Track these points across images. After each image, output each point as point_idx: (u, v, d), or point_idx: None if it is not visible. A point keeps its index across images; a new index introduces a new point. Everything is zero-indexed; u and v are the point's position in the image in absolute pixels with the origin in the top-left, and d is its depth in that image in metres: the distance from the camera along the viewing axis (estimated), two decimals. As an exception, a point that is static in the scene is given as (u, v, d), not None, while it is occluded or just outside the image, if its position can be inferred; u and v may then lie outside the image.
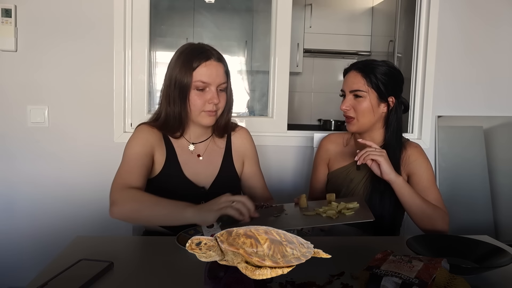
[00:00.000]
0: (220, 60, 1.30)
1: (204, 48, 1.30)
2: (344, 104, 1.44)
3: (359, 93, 1.40)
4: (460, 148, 2.29)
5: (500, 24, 2.27)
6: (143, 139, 1.31)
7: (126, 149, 1.31)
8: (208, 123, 1.32)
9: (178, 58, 1.29)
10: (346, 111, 1.44)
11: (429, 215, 1.31)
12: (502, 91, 2.31)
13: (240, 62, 3.38)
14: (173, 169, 1.33)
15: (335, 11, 3.73)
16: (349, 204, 1.18)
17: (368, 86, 1.40)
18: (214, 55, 1.29)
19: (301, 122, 3.66)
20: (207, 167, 1.38)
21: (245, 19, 3.37)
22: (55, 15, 1.98)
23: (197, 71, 1.26)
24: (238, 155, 1.45)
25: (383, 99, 1.41)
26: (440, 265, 0.84)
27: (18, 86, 2.00)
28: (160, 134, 1.35)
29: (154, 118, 1.38)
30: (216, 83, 1.28)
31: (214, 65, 1.27)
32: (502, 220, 2.28)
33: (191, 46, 1.31)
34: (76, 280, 0.89)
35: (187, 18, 3.25)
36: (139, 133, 1.33)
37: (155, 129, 1.34)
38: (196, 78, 1.26)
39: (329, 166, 1.60)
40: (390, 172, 1.29)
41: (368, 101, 1.40)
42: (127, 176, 1.23)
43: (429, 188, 1.39)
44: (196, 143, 1.39)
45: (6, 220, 2.05)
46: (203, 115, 1.30)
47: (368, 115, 1.41)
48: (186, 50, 1.30)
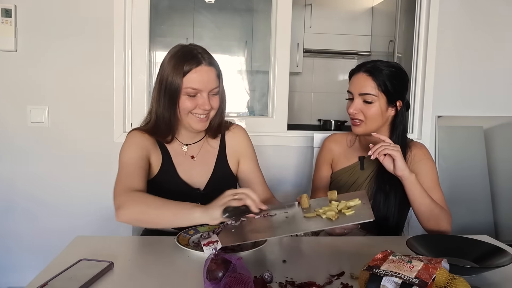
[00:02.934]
0: (211, 64, 1.26)
1: (194, 52, 1.26)
2: (352, 107, 1.40)
3: (369, 97, 1.37)
4: (460, 148, 2.29)
5: (499, 24, 2.27)
6: (137, 143, 1.30)
7: (121, 156, 1.29)
8: (200, 129, 1.30)
9: (168, 62, 1.26)
10: (355, 114, 1.41)
11: (436, 215, 1.30)
12: (502, 91, 2.31)
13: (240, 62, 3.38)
14: (168, 172, 1.32)
15: (335, 11, 3.73)
16: (350, 202, 1.15)
17: (378, 90, 1.37)
18: (205, 59, 1.25)
19: (301, 122, 3.66)
20: (201, 167, 1.37)
21: (245, 19, 3.37)
22: (55, 15, 1.98)
23: (188, 77, 1.23)
24: (233, 154, 1.43)
25: (391, 103, 1.40)
26: (440, 265, 0.84)
27: (18, 86, 2.00)
28: (153, 138, 1.34)
29: (145, 122, 1.36)
30: (208, 89, 1.25)
31: (205, 70, 1.24)
32: (502, 220, 2.28)
33: (182, 49, 1.27)
34: (76, 280, 0.89)
35: (187, 18, 3.25)
36: (132, 138, 1.32)
37: (146, 134, 1.32)
38: (187, 85, 1.23)
39: (333, 166, 1.59)
40: (404, 168, 1.28)
41: (377, 106, 1.38)
42: (128, 180, 1.21)
43: (433, 189, 1.39)
44: (190, 144, 1.38)
45: (6, 220, 2.05)
46: (193, 120, 1.28)
47: (377, 119, 1.40)
48: (177, 54, 1.26)
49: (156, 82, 1.30)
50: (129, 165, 1.25)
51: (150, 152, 1.31)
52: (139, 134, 1.33)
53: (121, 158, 1.29)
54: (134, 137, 1.32)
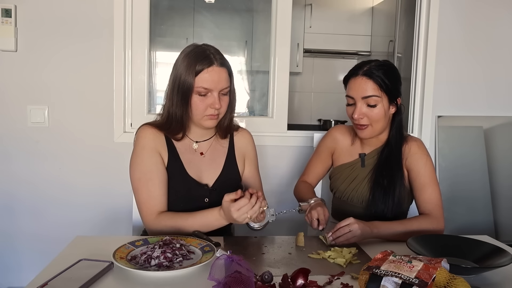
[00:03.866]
0: (223, 65, 1.30)
1: (207, 52, 1.29)
2: (357, 113, 1.38)
3: (373, 99, 1.36)
4: (460, 148, 2.29)
5: (499, 23, 2.27)
6: (149, 145, 1.32)
7: (136, 164, 1.31)
8: (210, 126, 1.34)
9: (182, 61, 1.29)
10: (360, 119, 1.39)
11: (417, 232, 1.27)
12: (502, 91, 2.31)
13: (240, 62, 3.37)
14: (176, 168, 1.34)
15: (335, 11, 3.73)
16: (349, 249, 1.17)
17: (380, 90, 1.36)
18: (217, 60, 1.28)
19: (301, 122, 3.66)
20: (210, 165, 1.39)
21: (245, 19, 3.37)
22: (55, 15, 1.98)
23: (200, 77, 1.26)
24: (240, 155, 1.47)
25: (393, 101, 1.40)
26: (440, 265, 0.84)
27: (18, 86, 2.00)
28: (162, 133, 1.36)
29: (159, 117, 1.38)
30: (218, 89, 1.28)
31: (216, 71, 1.27)
32: (502, 220, 2.28)
33: (195, 49, 1.30)
34: (76, 280, 0.89)
35: (187, 18, 3.24)
36: (143, 139, 1.33)
37: (157, 129, 1.35)
38: (198, 84, 1.26)
39: (334, 158, 1.59)
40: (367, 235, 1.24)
41: (381, 107, 1.37)
42: (153, 203, 1.28)
43: (426, 185, 1.37)
44: (200, 142, 1.40)
45: (6, 220, 2.05)
46: (205, 119, 1.31)
47: (382, 120, 1.39)
48: (190, 53, 1.29)
49: (170, 79, 1.33)
50: (148, 180, 1.29)
51: (160, 149, 1.34)
52: (149, 130, 1.35)
53: (137, 168, 1.31)
54: (145, 137, 1.34)
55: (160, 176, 1.31)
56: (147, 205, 1.28)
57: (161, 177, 1.31)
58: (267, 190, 1.55)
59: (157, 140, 1.34)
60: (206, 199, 1.35)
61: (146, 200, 1.28)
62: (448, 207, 1.39)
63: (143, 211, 1.29)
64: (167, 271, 0.96)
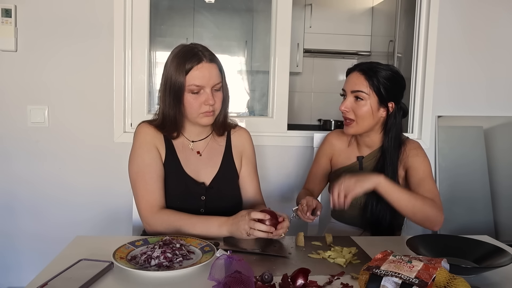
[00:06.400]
0: (213, 61, 1.30)
1: (195, 50, 1.29)
2: (344, 105, 1.42)
3: (361, 94, 1.39)
4: (460, 148, 2.29)
5: (499, 24, 2.27)
6: (147, 141, 1.34)
7: (135, 159, 1.32)
8: (207, 123, 1.34)
9: (171, 62, 1.30)
10: (345, 112, 1.42)
11: (420, 207, 1.26)
12: (502, 91, 2.31)
13: (240, 62, 3.38)
14: (173, 165, 1.35)
15: (335, 11, 3.73)
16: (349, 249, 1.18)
17: (370, 88, 1.38)
18: (206, 56, 1.28)
19: (301, 122, 3.66)
20: (207, 164, 1.39)
21: (245, 19, 3.37)
22: (55, 15, 1.98)
23: (190, 74, 1.26)
24: (238, 153, 1.46)
25: (383, 103, 1.40)
26: (440, 265, 0.84)
27: (18, 86, 2.00)
28: (160, 132, 1.37)
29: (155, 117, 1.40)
30: (210, 85, 1.28)
31: (206, 67, 1.27)
32: (502, 220, 2.28)
33: (183, 48, 1.31)
34: (76, 280, 0.89)
35: (187, 18, 3.24)
36: (142, 135, 1.35)
37: (154, 128, 1.36)
38: (190, 82, 1.27)
39: (332, 162, 1.60)
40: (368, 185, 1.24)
41: (368, 105, 1.39)
42: (151, 197, 1.28)
43: (424, 179, 1.38)
44: (196, 141, 1.40)
45: (6, 220, 2.05)
46: (201, 117, 1.31)
47: (368, 118, 1.41)
48: (178, 53, 1.30)
49: (162, 81, 1.34)
50: (146, 173, 1.30)
51: (158, 146, 1.35)
52: (147, 128, 1.36)
53: (135, 162, 1.32)
54: (144, 133, 1.35)
55: (158, 171, 1.31)
56: (146, 198, 1.28)
57: (159, 172, 1.31)
58: (267, 190, 1.55)
59: (155, 137, 1.35)
60: (202, 197, 1.34)
61: (144, 194, 1.28)
62: (448, 207, 1.39)
63: (141, 204, 1.28)
64: (167, 271, 0.96)
